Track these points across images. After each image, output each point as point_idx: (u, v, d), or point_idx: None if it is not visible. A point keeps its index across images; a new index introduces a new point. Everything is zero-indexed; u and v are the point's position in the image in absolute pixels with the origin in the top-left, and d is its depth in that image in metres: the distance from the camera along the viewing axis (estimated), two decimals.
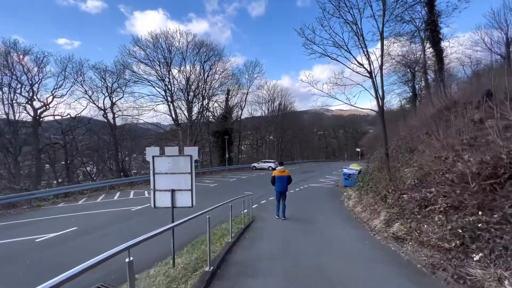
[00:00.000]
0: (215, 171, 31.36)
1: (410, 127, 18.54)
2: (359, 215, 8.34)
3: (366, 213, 8.08)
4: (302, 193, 14.76)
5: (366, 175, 14.20)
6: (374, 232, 6.17)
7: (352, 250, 5.22)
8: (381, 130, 12.26)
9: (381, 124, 9.90)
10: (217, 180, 21.47)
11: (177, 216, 4.76)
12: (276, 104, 52.85)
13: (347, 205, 10.97)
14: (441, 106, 11.27)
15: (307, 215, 9.35)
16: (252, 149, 58.19)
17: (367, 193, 10.75)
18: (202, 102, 29.62)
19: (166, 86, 25.21)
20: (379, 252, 5.03)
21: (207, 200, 12.46)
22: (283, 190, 8.46)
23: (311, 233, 6.82)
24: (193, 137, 29.18)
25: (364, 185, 12.23)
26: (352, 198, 12.02)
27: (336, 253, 5.07)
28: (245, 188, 16.63)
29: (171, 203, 4.48)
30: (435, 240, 3.90)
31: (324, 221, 8.30)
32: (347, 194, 13.97)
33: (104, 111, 32.11)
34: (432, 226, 4.28)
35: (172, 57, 25.70)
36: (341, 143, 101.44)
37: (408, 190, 6.73)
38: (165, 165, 4.46)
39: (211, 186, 17.74)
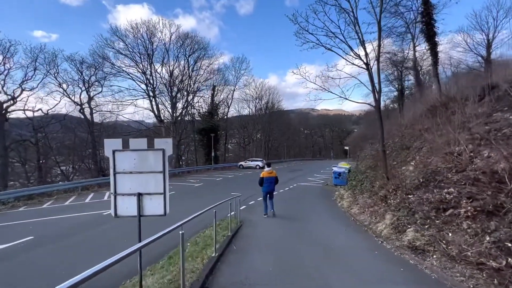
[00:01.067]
0: (201, 170, 30.12)
1: (400, 125, 18.33)
2: (358, 217, 7.65)
3: (365, 215, 7.40)
4: (292, 193, 14.02)
5: (358, 174, 13.66)
6: (381, 239, 5.42)
7: (362, 265, 4.36)
8: (368, 129, 11.67)
9: (378, 119, 9.27)
10: (202, 179, 20.36)
11: (153, 223, 3.81)
12: (264, 102, 52.11)
13: (341, 205, 10.30)
14: (439, 101, 10.86)
15: (300, 217, 8.56)
16: (239, 147, 57.16)
17: (361, 192, 10.14)
18: (186, 97, 28.14)
19: (147, 80, 23.65)
20: (397, 267, 4.14)
21: (191, 200, 11.43)
22: (271, 190, 8.57)
23: (309, 241, 5.97)
24: (177, 135, 27.76)
25: (358, 184, 11.64)
26: (345, 197, 11.39)
27: (344, 270, 4.18)
28: (232, 187, 15.69)
29: (138, 211, 3.49)
30: (473, 254, 3.18)
31: (320, 225, 7.53)
32: (338, 193, 13.37)
33: (80, 106, 30.00)
34: (460, 235, 3.58)
35: (154, 49, 24.18)
36: (327, 142, 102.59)
37: (413, 189, 6.09)
38: (130, 162, 3.46)
39: (195, 186, 16.65)
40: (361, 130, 71.23)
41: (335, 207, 10.35)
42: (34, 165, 31.04)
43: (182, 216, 3.80)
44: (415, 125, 14.83)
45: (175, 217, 4.05)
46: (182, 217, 3.65)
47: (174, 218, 3.94)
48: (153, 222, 3.86)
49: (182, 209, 9.66)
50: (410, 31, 17.60)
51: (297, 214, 9.02)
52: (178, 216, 3.97)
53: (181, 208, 9.97)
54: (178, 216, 4.10)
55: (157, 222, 3.78)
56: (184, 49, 26.00)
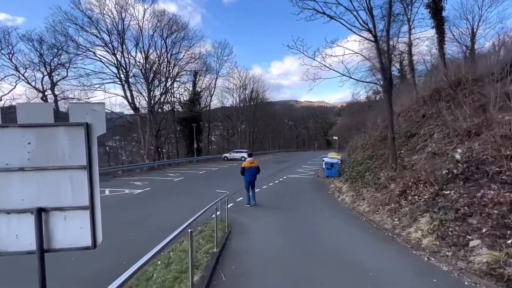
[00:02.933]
0: (182, 162, 28.11)
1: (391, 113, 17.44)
2: (371, 218, 6.38)
3: (381, 215, 6.15)
4: (284, 187, 12.68)
5: (355, 165, 12.54)
6: (424, 253, 4.07)
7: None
8: (352, 119, 10.28)
9: (387, 101, 8.01)
10: (183, 173, 18.53)
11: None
12: (248, 91, 50.21)
13: (342, 200, 9.08)
14: (447, 82, 9.78)
15: (301, 218, 7.18)
16: (222, 139, 55.19)
17: (365, 185, 8.94)
18: (165, 83, 25.52)
19: (118, 62, 20.97)
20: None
21: (167, 201, 9.71)
22: (253, 180, 8.59)
23: (326, 258, 4.45)
24: (156, 124, 25.41)
25: (357, 176, 10.47)
26: (345, 191, 10.20)
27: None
28: (216, 182, 14.09)
29: (38, 241, 1.84)
30: None
31: (329, 229, 6.15)
32: (334, 186, 12.21)
33: (43, 93, 26.70)
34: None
35: (126, 28, 21.38)
36: (311, 133, 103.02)
37: (444, 183, 4.87)
38: (20, 150, 1.79)
39: (175, 180, 14.87)
40: (344, 121, 71.78)
41: (336, 202, 9.09)
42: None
43: (152, 225, 2.17)
44: (411, 112, 13.90)
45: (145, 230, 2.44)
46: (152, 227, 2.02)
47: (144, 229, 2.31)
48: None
49: (155, 212, 8.00)
50: (406, 12, 16.51)
51: (295, 213, 7.65)
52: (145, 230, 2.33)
53: (154, 210, 8.28)
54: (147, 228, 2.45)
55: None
56: (160, 29, 23.37)
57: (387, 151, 10.94)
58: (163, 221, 7.11)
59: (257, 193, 10.96)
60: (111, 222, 7.06)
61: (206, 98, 38.50)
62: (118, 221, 7.15)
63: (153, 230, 6.38)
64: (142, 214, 7.86)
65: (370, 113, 46.25)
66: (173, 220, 7.20)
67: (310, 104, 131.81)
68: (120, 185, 13.21)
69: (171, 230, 5.91)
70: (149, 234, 6.13)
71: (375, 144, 12.68)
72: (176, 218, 7.39)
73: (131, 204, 9.14)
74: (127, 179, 15.93)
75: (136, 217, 7.56)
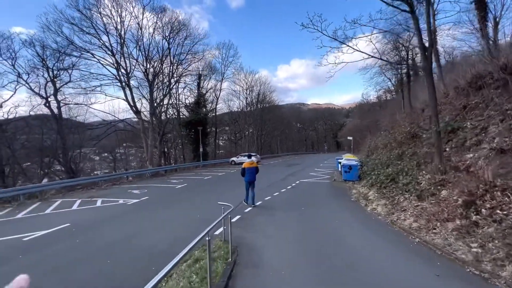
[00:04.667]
0: (188, 167, 26.88)
1: (422, 108, 15.68)
2: (425, 238, 4.69)
3: (441, 236, 4.52)
4: (298, 194, 11.12)
5: (380, 167, 10.88)
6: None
7: None
8: (363, 120, 8.46)
9: (429, 86, 6.41)
10: (187, 178, 17.21)
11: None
12: (255, 93, 48.91)
13: (373, 210, 7.44)
14: (498, 65, 8.05)
15: (328, 240, 5.49)
16: (230, 143, 53.97)
17: (402, 192, 7.30)
18: (168, 83, 24.16)
19: (118, 63, 19.91)
20: None
21: (164, 212, 8.30)
22: (253, 180, 8.73)
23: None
24: (159, 129, 24.31)
25: (386, 180, 8.83)
26: (373, 199, 8.56)
27: None
28: (222, 188, 12.66)
29: None
30: None
31: (374, 260, 4.25)
32: (357, 192, 10.56)
33: (46, 99, 26.08)
34: None
35: (126, 27, 20.37)
36: (320, 135, 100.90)
37: None
38: None
39: (177, 187, 13.51)
40: (354, 122, 69.52)
41: (365, 213, 7.45)
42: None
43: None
44: (442, 105, 12.18)
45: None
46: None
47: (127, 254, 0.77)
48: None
49: (146, 229, 6.59)
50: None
51: (319, 230, 6.07)
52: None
53: (145, 226, 6.89)
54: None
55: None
56: (161, 27, 22.17)
57: (420, 149, 9.27)
58: (154, 241, 5.70)
59: (268, 201, 9.53)
60: (88, 245, 5.70)
61: (212, 101, 37.40)
62: (98, 242, 5.79)
63: (138, 255, 4.98)
64: (130, 231, 6.48)
65: (382, 112, 44.34)
66: (167, 240, 5.80)
67: (318, 107, 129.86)
68: (116, 194, 11.97)
69: (160, 255, 4.46)
70: (132, 261, 4.73)
71: (403, 142, 11.01)
72: (170, 236, 5.97)
73: (120, 219, 7.79)
74: (127, 186, 14.71)
75: (122, 235, 6.18)
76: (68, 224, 7.27)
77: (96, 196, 11.56)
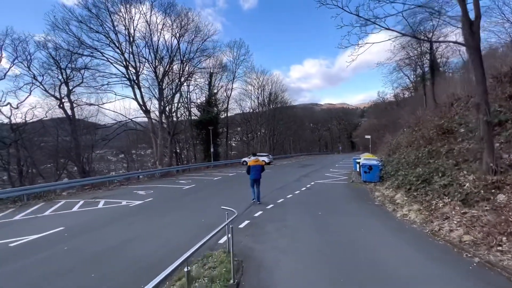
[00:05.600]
0: (199, 168, 26.35)
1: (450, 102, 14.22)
2: (488, 257, 3.57)
3: None
4: (314, 196, 10.11)
5: (407, 167, 9.69)
6: None
7: None
8: (380, 120, 7.26)
9: (476, 68, 5.27)
10: (197, 179, 16.57)
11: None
12: (267, 92, 47.98)
13: (403, 217, 6.34)
14: None
15: (353, 255, 4.48)
16: (242, 143, 53.34)
17: (440, 196, 6.16)
18: (179, 80, 23.53)
19: (126, 61, 19.61)
20: None
21: (166, 215, 7.55)
22: (258, 177, 8.80)
23: None
24: (170, 129, 23.91)
25: (417, 182, 7.68)
26: (401, 202, 7.45)
27: None
28: (231, 189, 11.85)
29: None
30: None
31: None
32: (381, 195, 9.42)
33: (60, 100, 26.39)
34: None
35: (135, 26, 20.04)
36: (334, 135, 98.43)
37: None
38: None
39: (184, 188, 12.83)
40: (370, 121, 66.95)
41: (394, 220, 6.35)
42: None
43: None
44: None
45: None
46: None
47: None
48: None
49: (144, 235, 5.83)
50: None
51: (342, 242, 5.08)
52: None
53: (143, 231, 6.15)
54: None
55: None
56: (170, 22, 21.61)
57: (456, 145, 8.03)
58: (148, 250, 4.94)
59: (281, 204, 8.66)
60: (75, 253, 5.02)
61: (223, 101, 36.80)
62: (87, 250, 5.10)
63: (128, 267, 4.22)
64: (125, 237, 5.77)
65: (401, 110, 42.22)
66: (162, 249, 5.02)
67: (332, 107, 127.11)
68: (121, 195, 11.43)
69: (153, 267, 3.72)
70: (121, 275, 3.98)
71: (433, 139, 9.76)
72: (167, 245, 5.19)
73: (118, 222, 7.12)
74: (134, 187, 14.22)
75: (115, 242, 5.47)
76: (62, 228, 6.67)
77: (100, 197, 11.07)
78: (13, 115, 25.98)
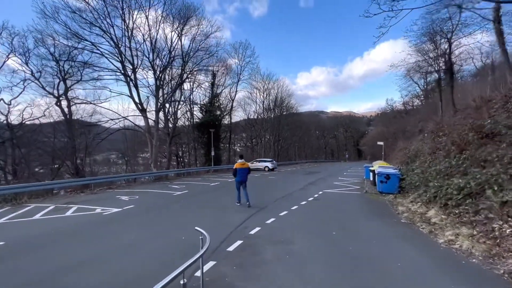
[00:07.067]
0: (197, 172, 24.89)
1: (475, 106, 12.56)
2: None
3: None
4: (324, 209, 8.48)
5: (440, 177, 8.03)
6: None
7: None
8: (388, 128, 6.01)
9: None
10: (192, 184, 15.07)
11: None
12: (273, 96, 46.63)
13: (449, 245, 4.68)
14: None
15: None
16: (246, 148, 51.88)
17: (500, 217, 4.49)
18: (180, 77, 22.15)
19: (121, 54, 18.38)
20: None
21: (143, 228, 5.96)
22: (244, 180, 8.88)
23: None
24: (168, 130, 22.57)
25: (456, 196, 6.02)
26: (437, 221, 5.80)
27: None
28: (226, 198, 10.26)
29: None
30: None
31: None
32: (406, 209, 7.76)
33: (57, 98, 25.44)
34: None
35: (135, 19, 18.85)
36: (340, 143, 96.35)
37: None
38: None
39: (175, 195, 11.31)
40: (378, 129, 64.96)
41: (442, 251, 4.67)
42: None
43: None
44: None
45: None
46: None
47: None
48: None
49: (103, 254, 4.21)
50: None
51: None
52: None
53: (104, 249, 4.53)
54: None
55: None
56: (171, 16, 20.37)
57: (505, 150, 6.36)
58: (93, 284, 3.41)
59: (284, 218, 7.04)
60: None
61: (226, 104, 35.47)
62: (11, 280, 3.59)
63: None
64: (73, 259, 4.26)
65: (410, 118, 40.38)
66: (115, 283, 3.51)
67: (338, 114, 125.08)
68: (100, 201, 9.97)
69: None
70: None
71: (470, 143, 8.09)
72: (118, 278, 3.65)
73: (76, 237, 5.61)
74: (120, 191, 12.76)
75: (54, 267, 3.97)
76: (2, 243, 5.21)
77: (76, 202, 9.62)
78: (10, 113, 25.16)
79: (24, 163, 26.14)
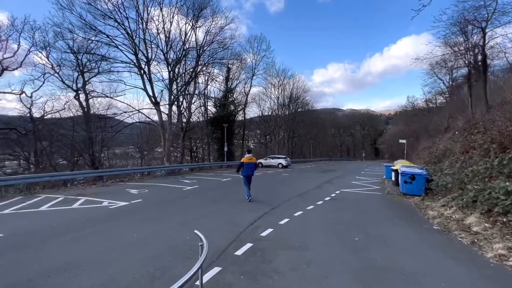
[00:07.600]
0: (210, 167, 24.65)
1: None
2: None
3: None
4: (342, 209, 7.77)
5: (479, 179, 7.08)
6: None
7: None
8: (409, 127, 5.37)
9: None
10: (203, 179, 14.73)
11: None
12: (288, 92, 45.58)
13: (500, 261, 3.90)
14: None
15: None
16: (260, 145, 51.31)
17: None
18: (193, 70, 21.80)
19: (135, 46, 18.24)
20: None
21: (148, 224, 5.54)
22: (250, 175, 8.92)
23: None
24: (181, 124, 22.42)
25: (504, 202, 5.12)
26: (480, 231, 4.97)
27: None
28: (237, 194, 9.72)
29: None
30: None
31: None
32: (437, 214, 6.89)
33: (76, 92, 26.00)
34: None
35: (149, 12, 18.68)
36: (357, 141, 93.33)
37: None
38: None
39: (185, 189, 10.96)
40: (399, 127, 62.11)
41: (492, 268, 3.86)
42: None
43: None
44: None
45: None
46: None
47: None
48: None
49: (100, 253, 3.75)
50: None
51: None
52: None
53: (104, 246, 4.09)
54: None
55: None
56: (185, 4, 19.94)
57: None
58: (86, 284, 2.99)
59: (299, 219, 6.38)
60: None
61: (240, 100, 34.92)
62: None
63: None
64: (66, 258, 3.88)
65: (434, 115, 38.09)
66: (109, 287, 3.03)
67: (355, 112, 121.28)
68: (109, 194, 9.78)
69: None
70: None
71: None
72: (111, 285, 3.17)
73: (77, 232, 5.28)
74: (131, 184, 12.63)
75: (42, 267, 3.59)
76: (1, 235, 4.97)
77: (84, 194, 9.48)
78: (32, 106, 25.95)
79: (46, 155, 27.06)
